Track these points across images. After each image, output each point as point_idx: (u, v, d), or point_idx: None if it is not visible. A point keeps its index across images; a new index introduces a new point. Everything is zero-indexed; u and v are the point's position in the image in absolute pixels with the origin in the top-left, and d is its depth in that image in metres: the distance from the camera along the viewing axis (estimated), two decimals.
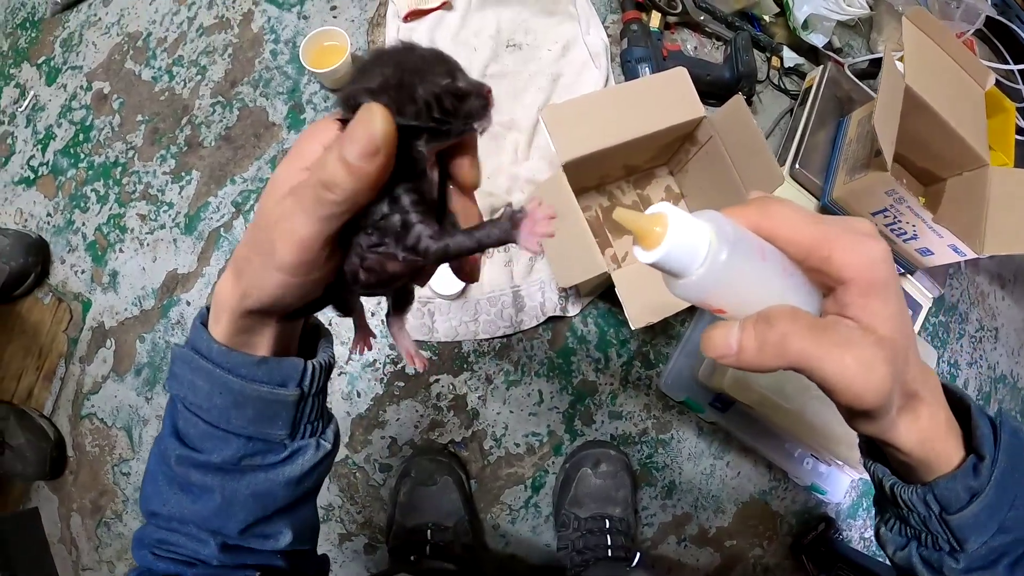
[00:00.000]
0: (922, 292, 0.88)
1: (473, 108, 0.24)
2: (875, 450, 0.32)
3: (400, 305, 0.33)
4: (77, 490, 0.78)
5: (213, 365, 0.27)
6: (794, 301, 0.24)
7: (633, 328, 0.61)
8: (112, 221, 0.81)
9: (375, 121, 0.21)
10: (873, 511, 0.36)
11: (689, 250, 0.22)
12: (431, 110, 0.23)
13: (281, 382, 0.28)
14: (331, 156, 0.22)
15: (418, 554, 0.66)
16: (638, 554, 0.67)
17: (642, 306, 0.62)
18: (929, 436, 0.27)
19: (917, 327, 0.88)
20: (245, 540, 0.30)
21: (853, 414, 0.26)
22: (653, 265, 0.22)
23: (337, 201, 0.22)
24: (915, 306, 0.88)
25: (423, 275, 0.29)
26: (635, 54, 0.83)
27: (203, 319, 0.29)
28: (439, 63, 0.23)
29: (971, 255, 0.73)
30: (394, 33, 0.85)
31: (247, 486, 0.29)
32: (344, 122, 0.23)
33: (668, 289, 0.24)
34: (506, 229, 0.23)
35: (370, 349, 0.34)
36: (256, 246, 0.25)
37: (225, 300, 0.27)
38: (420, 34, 0.84)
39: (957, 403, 0.30)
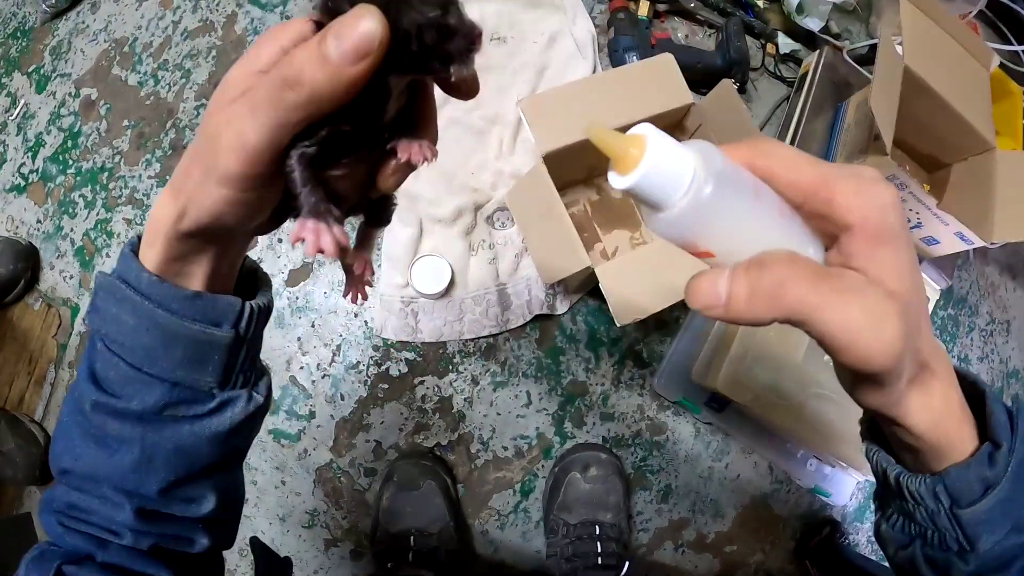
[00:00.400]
0: (929, 284, 0.84)
1: (455, 49, 0.21)
2: (878, 436, 0.29)
3: (373, 221, 0.30)
4: None
5: (141, 297, 0.25)
6: (793, 247, 0.21)
7: (618, 325, 0.59)
8: (99, 226, 0.81)
9: (373, 19, 0.19)
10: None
11: (670, 178, 0.19)
12: (410, 42, 0.20)
13: (215, 321, 0.26)
14: (304, 51, 0.19)
15: (400, 561, 0.64)
16: (627, 563, 0.64)
17: (628, 302, 0.60)
18: (942, 417, 0.24)
19: None
20: (165, 504, 0.28)
21: (858, 379, 0.23)
22: (627, 192, 0.20)
23: (299, 103, 0.20)
24: None
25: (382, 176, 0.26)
26: (623, 43, 0.81)
27: (133, 247, 0.26)
28: None
29: (978, 243, 0.69)
30: None
31: (170, 439, 0.27)
32: (320, 25, 0.21)
33: (647, 226, 0.21)
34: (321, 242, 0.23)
35: (372, 273, 0.31)
36: (197, 157, 0.22)
37: (159, 222, 0.24)
38: None
39: (970, 389, 0.27)
